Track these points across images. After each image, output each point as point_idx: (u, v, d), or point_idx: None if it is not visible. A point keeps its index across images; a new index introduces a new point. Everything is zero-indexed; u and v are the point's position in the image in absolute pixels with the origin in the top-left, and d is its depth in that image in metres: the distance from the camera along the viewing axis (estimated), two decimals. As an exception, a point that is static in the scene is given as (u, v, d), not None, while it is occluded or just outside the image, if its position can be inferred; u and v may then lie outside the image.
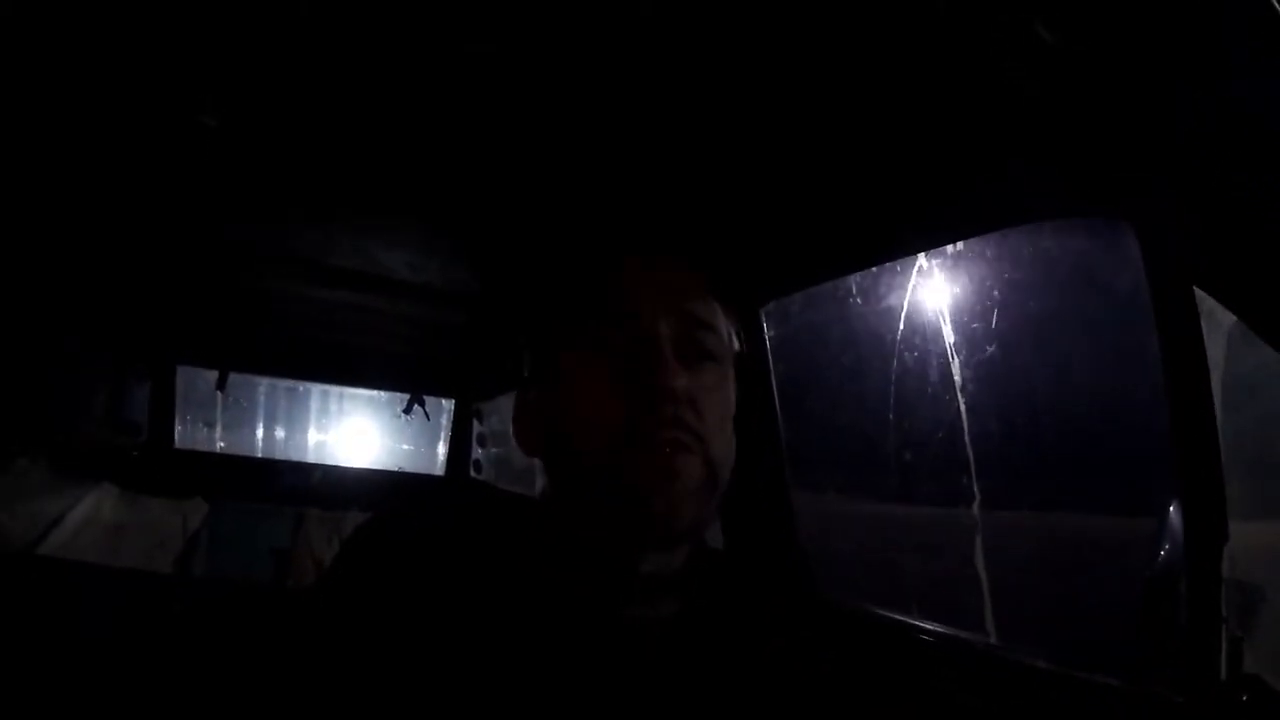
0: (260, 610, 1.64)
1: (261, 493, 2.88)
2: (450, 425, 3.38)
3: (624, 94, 0.92)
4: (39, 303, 2.07)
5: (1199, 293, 0.78)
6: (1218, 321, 0.80)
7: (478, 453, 3.33)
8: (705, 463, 0.63)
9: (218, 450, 3.71)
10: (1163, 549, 0.77)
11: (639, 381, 0.62)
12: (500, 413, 3.32)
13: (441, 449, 3.51)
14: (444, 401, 3.38)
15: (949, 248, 1.62)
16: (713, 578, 0.72)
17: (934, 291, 1.84)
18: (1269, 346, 0.72)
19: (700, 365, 0.65)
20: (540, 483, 0.72)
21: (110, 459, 2.69)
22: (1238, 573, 0.71)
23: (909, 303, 1.87)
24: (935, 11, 0.76)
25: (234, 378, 3.18)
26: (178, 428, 2.98)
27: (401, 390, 3.30)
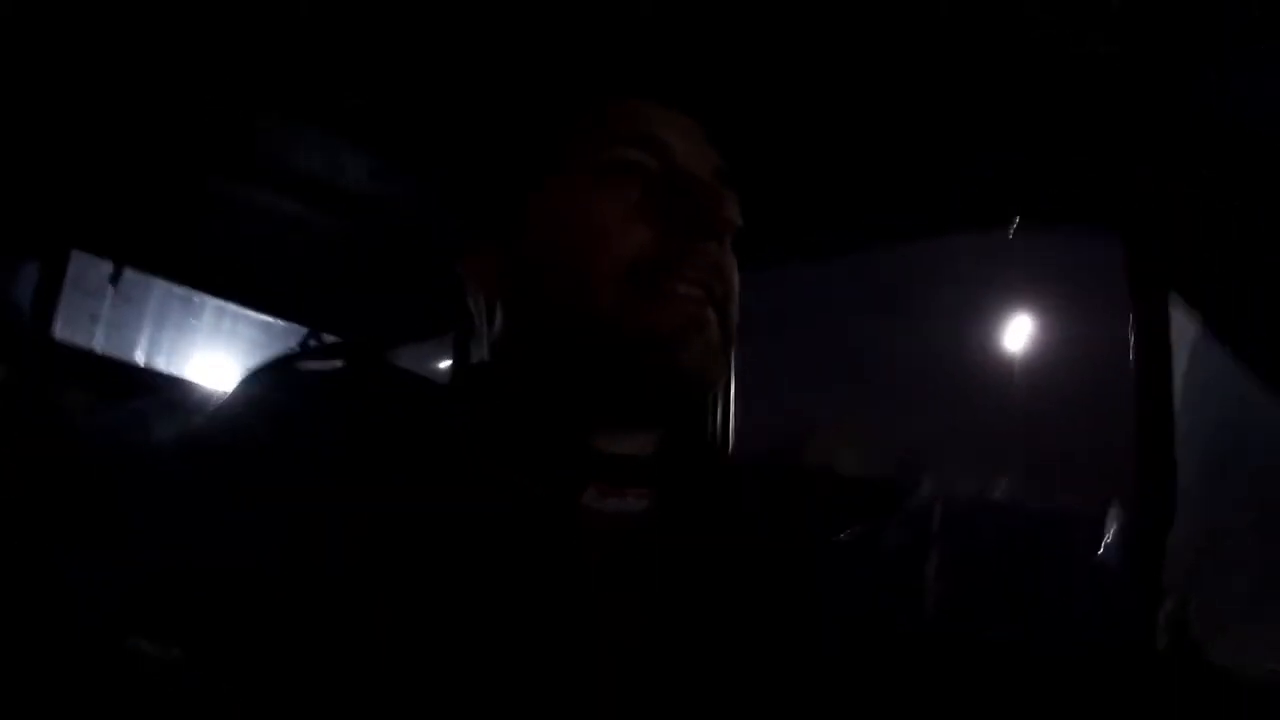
0: None
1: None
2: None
3: None
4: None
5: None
6: (1183, 327, 0.86)
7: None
8: (723, 328, 0.56)
9: (97, 351, 3.44)
10: (1110, 531, 0.82)
11: (678, 209, 0.54)
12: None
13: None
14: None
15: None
16: (689, 469, 0.63)
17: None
18: (1231, 351, 0.79)
19: None
20: (486, 344, 0.61)
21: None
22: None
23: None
24: (935, 13, 0.78)
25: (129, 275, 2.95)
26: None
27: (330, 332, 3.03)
